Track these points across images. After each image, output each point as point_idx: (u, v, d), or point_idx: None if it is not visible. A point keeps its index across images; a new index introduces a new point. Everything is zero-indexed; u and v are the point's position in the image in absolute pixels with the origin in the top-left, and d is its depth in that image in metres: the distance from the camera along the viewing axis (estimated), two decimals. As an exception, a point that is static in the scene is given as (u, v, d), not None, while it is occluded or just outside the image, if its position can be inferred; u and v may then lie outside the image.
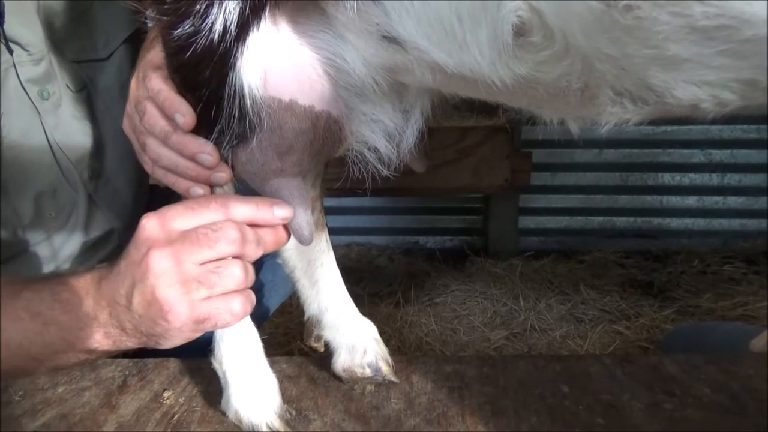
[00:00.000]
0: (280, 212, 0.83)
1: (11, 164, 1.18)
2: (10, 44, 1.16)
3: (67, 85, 1.26)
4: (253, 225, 0.81)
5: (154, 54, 0.87)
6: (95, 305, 0.81)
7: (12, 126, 1.17)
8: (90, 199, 1.32)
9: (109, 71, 1.32)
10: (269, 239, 0.84)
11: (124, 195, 1.40)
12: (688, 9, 0.44)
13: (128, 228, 1.42)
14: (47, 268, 1.29)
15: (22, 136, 1.19)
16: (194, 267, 0.75)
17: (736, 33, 0.44)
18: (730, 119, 2.87)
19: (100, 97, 1.32)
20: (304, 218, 0.89)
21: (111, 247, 1.40)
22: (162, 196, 1.48)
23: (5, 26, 1.14)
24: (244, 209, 0.80)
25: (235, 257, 0.78)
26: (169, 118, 0.85)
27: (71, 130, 1.26)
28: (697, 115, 0.54)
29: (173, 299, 0.75)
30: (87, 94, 1.30)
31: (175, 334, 0.78)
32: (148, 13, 0.78)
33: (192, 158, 0.86)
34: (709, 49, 0.47)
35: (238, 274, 0.77)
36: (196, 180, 0.88)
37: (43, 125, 1.22)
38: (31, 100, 1.20)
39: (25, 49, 1.18)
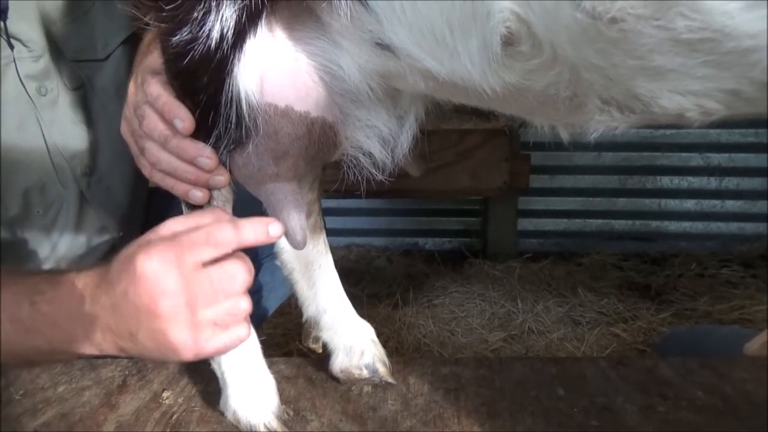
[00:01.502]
0: (274, 231, 0.81)
1: (3, 157, 1.19)
2: (12, 40, 1.17)
3: (64, 83, 1.27)
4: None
5: (153, 59, 0.88)
6: (88, 327, 0.79)
7: (7, 120, 1.18)
8: (82, 196, 1.33)
9: (107, 71, 1.34)
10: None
11: (118, 194, 1.41)
12: (672, 23, 0.45)
13: (122, 227, 1.43)
14: (42, 264, 1.30)
15: (17, 130, 1.20)
16: (205, 312, 0.77)
17: (718, 45, 0.45)
18: (728, 123, 2.88)
19: (96, 97, 1.33)
20: (298, 223, 0.90)
21: (105, 245, 1.41)
22: (162, 199, 1.50)
23: (8, 22, 1.16)
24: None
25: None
26: (168, 122, 0.86)
27: (66, 127, 1.27)
28: (683, 124, 0.55)
29: (184, 342, 0.77)
30: (84, 93, 1.31)
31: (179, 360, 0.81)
32: (146, 19, 0.79)
33: (191, 162, 0.87)
34: (693, 60, 0.48)
35: (244, 307, 0.79)
36: (195, 183, 0.89)
37: (39, 121, 1.23)
38: (29, 96, 1.21)
39: (25, 45, 1.19)
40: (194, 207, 0.94)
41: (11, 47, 1.18)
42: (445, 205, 3.57)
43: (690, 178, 3.31)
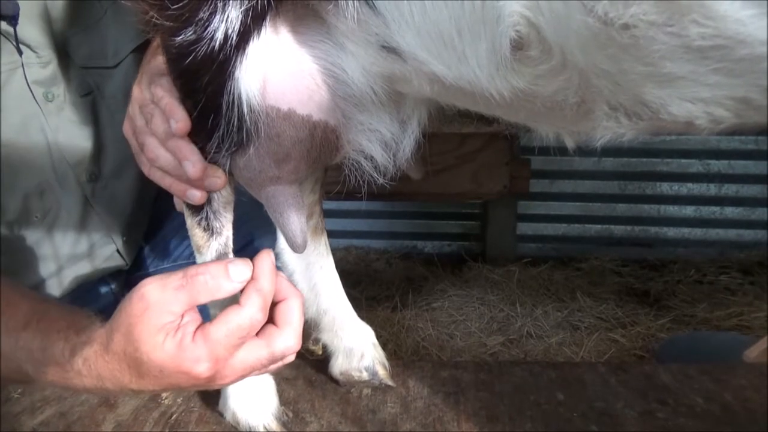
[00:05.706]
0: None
1: (4, 161, 1.19)
2: (21, 45, 1.17)
3: (72, 90, 1.27)
4: None
5: (160, 61, 0.88)
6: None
7: (9, 124, 1.18)
8: (87, 201, 1.33)
9: (116, 79, 1.34)
10: None
11: (123, 200, 1.41)
12: (685, 30, 0.45)
13: (126, 232, 1.43)
14: (44, 266, 1.30)
15: (18, 134, 1.20)
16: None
17: (730, 52, 0.45)
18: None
19: (105, 103, 1.33)
20: (298, 226, 0.90)
21: (110, 250, 1.41)
22: (164, 204, 1.50)
23: (18, 28, 1.15)
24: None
25: None
26: (168, 122, 0.86)
27: (72, 132, 1.27)
28: (692, 132, 0.55)
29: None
30: (92, 100, 1.32)
31: None
32: (149, 16, 0.78)
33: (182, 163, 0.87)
34: (704, 68, 0.47)
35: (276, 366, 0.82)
36: (191, 184, 0.89)
37: (44, 126, 1.23)
38: (36, 101, 1.21)
39: (34, 51, 1.19)
40: (193, 207, 0.94)
41: (20, 53, 1.18)
42: (445, 209, 3.57)
43: (689, 185, 3.31)
